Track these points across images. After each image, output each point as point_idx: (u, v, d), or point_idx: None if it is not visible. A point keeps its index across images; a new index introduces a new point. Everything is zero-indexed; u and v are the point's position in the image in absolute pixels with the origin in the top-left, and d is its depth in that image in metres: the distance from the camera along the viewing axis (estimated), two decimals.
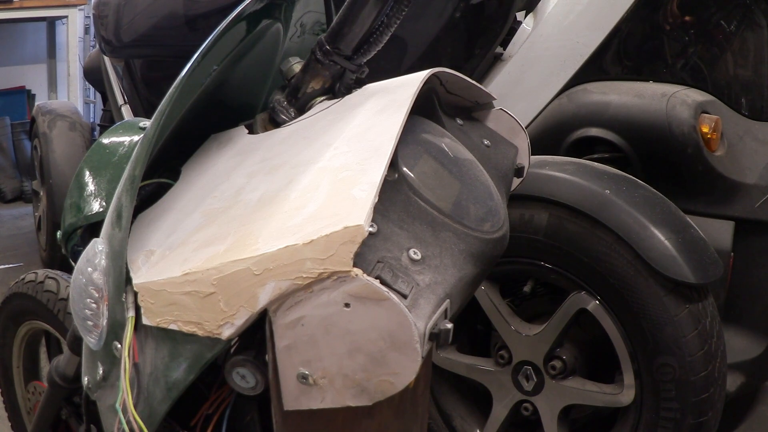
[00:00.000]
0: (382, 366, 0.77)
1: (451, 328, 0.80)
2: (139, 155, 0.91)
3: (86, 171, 1.37)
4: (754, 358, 2.00)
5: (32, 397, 1.82)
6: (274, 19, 1.13)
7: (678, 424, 1.66)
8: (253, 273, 0.78)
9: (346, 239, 0.75)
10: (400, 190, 0.88)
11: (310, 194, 0.83)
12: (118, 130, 1.43)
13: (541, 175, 1.77)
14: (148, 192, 1.06)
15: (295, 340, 0.79)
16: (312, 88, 1.05)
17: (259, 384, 0.84)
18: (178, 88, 0.92)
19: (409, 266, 0.82)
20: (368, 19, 0.97)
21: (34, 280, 1.63)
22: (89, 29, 5.40)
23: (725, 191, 1.99)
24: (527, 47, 2.29)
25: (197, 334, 0.83)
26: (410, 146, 0.94)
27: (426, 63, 2.09)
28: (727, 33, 2.17)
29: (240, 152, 1.04)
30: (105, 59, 3.23)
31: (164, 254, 0.89)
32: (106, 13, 2.69)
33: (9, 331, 1.80)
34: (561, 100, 2.19)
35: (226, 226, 0.87)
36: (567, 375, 1.81)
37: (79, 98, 5.40)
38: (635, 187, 1.74)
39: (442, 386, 2.01)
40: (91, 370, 0.98)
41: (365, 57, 1.02)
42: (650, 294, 1.64)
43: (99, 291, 0.93)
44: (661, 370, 1.65)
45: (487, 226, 0.95)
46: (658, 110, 2.00)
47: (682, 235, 1.65)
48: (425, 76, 0.99)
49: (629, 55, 2.20)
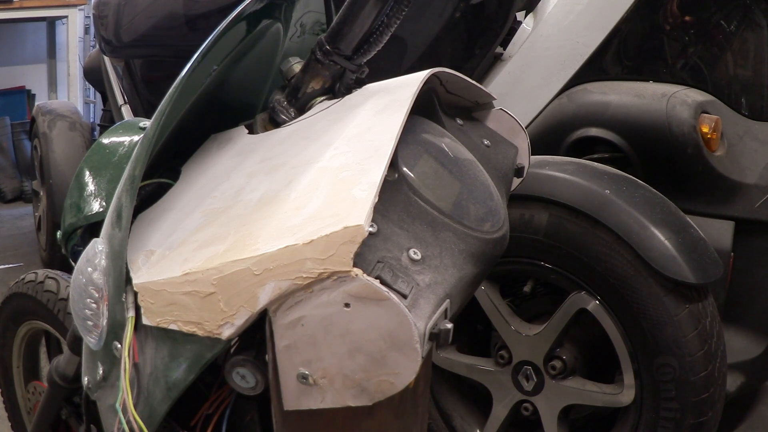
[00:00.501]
0: (382, 366, 0.77)
1: (451, 328, 0.80)
2: (139, 155, 0.91)
3: (86, 171, 1.37)
4: (754, 358, 2.00)
5: (32, 397, 1.82)
6: (274, 19, 1.13)
7: (678, 424, 1.66)
8: (253, 273, 0.78)
9: (346, 239, 0.75)
10: (400, 190, 0.88)
11: (310, 194, 0.83)
12: (118, 130, 1.43)
13: (541, 175, 1.77)
14: (148, 192, 1.06)
15: (295, 340, 0.79)
16: (312, 88, 1.05)
17: (259, 384, 0.84)
18: (178, 88, 0.92)
19: (409, 266, 0.82)
20: (368, 19, 0.97)
21: (34, 280, 1.63)
22: (89, 29, 5.40)
23: (725, 191, 1.99)
24: (527, 47, 2.29)
25: (197, 334, 0.83)
26: (410, 146, 0.94)
27: (426, 63, 2.09)
28: (727, 33, 2.17)
29: (240, 152, 1.04)
30: (105, 59, 3.23)
31: (164, 254, 0.89)
32: (106, 13, 2.69)
33: (9, 331, 1.80)
34: (561, 100, 2.19)
35: (226, 226, 0.87)
36: (567, 375, 1.81)
37: (79, 98, 5.40)
38: (635, 187, 1.74)
39: (442, 386, 2.01)
40: (91, 370, 0.98)
41: (365, 57, 1.02)
42: (650, 294, 1.64)
43: (99, 291, 0.93)
44: (661, 370, 1.65)
45: (487, 226, 0.95)
46: (658, 110, 2.00)
47: (682, 235, 1.65)
48: (425, 76, 0.99)
49: (629, 55, 2.20)
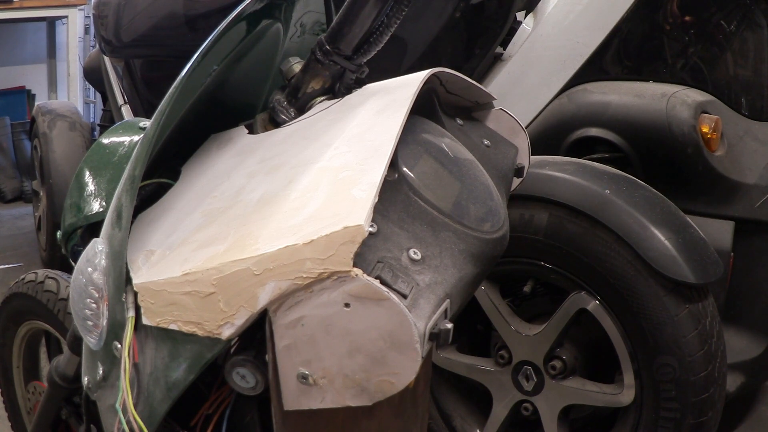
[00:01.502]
0: (382, 366, 0.77)
1: (451, 328, 0.80)
2: (139, 155, 0.91)
3: (86, 171, 1.37)
4: (754, 358, 2.00)
5: (32, 397, 1.82)
6: (274, 19, 1.13)
7: (678, 424, 1.66)
8: (253, 273, 0.78)
9: (346, 239, 0.75)
10: (400, 190, 0.88)
11: (310, 194, 0.83)
12: (118, 130, 1.43)
13: (541, 175, 1.77)
14: (148, 192, 1.06)
15: (295, 340, 0.79)
16: (312, 88, 1.05)
17: (259, 384, 0.84)
18: (178, 88, 0.92)
19: (409, 266, 0.82)
20: (368, 19, 0.97)
21: (34, 280, 1.63)
22: (89, 29, 5.40)
23: (725, 191, 1.99)
24: (527, 47, 2.29)
25: (197, 334, 0.83)
26: (410, 146, 0.94)
27: (426, 63, 2.09)
28: (727, 33, 2.17)
29: (240, 152, 1.03)
30: (105, 59, 3.23)
31: (164, 254, 0.89)
32: (106, 13, 2.69)
33: (9, 331, 1.80)
34: (561, 100, 2.19)
35: (226, 226, 0.87)
36: (567, 375, 1.81)
37: (79, 98, 5.40)
38: (635, 187, 1.74)
39: (442, 386, 2.01)
40: (91, 370, 0.98)
41: (365, 57, 1.02)
42: (650, 294, 1.64)
43: (99, 291, 0.93)
44: (661, 370, 1.65)
45: (487, 226, 0.95)
46: (658, 110, 2.00)
47: (682, 235, 1.65)
48: (425, 76, 0.99)
49: (629, 55, 2.20)
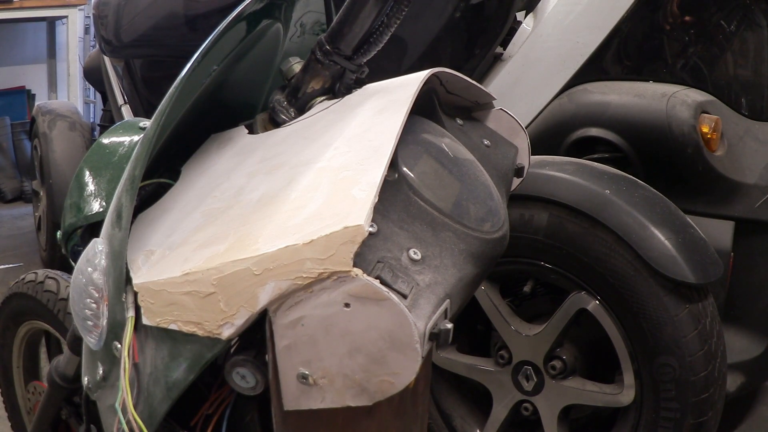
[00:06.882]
0: (382, 366, 0.77)
1: (451, 328, 0.80)
2: (139, 155, 0.91)
3: (86, 171, 1.37)
4: (754, 358, 2.00)
5: (32, 397, 1.82)
6: (274, 19, 1.13)
7: (678, 424, 1.66)
8: (253, 273, 0.78)
9: (346, 239, 0.75)
10: (400, 190, 0.88)
11: (310, 194, 0.83)
12: (118, 130, 1.43)
13: (541, 175, 1.77)
14: (148, 192, 1.06)
15: (295, 340, 0.79)
16: (312, 88, 1.05)
17: (259, 384, 0.84)
18: (178, 88, 0.92)
19: (409, 266, 0.82)
20: (368, 19, 0.97)
21: (34, 280, 1.63)
22: (89, 29, 5.41)
23: (725, 191, 1.99)
24: (527, 47, 2.29)
25: (197, 334, 0.83)
26: (410, 146, 0.94)
27: (426, 63, 2.09)
28: (727, 33, 2.17)
29: (240, 152, 1.04)
30: (105, 59, 3.23)
31: (164, 254, 0.89)
32: (106, 13, 2.69)
33: (9, 331, 1.80)
34: (561, 100, 2.19)
35: (226, 226, 0.87)
36: (567, 375, 1.81)
37: (79, 98, 5.40)
38: (635, 187, 1.74)
39: (442, 386, 2.00)
40: (91, 370, 0.98)
41: (365, 57, 1.02)
42: (650, 294, 1.64)
43: (99, 291, 0.93)
44: (661, 370, 1.65)
45: (487, 226, 0.95)
46: (658, 110, 2.00)
47: (682, 235, 1.65)
48: (425, 76, 0.99)
49: (629, 55, 2.20)
